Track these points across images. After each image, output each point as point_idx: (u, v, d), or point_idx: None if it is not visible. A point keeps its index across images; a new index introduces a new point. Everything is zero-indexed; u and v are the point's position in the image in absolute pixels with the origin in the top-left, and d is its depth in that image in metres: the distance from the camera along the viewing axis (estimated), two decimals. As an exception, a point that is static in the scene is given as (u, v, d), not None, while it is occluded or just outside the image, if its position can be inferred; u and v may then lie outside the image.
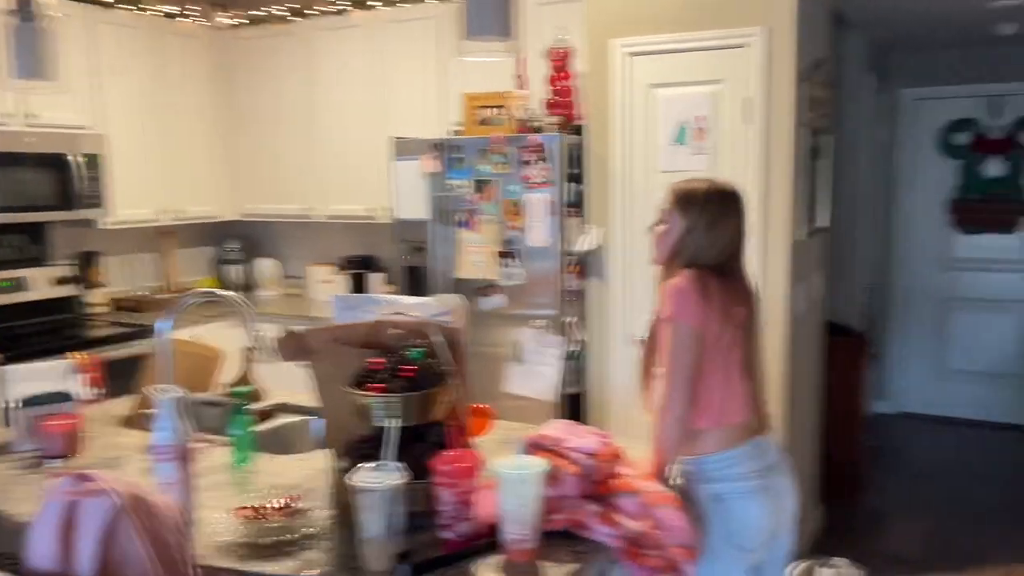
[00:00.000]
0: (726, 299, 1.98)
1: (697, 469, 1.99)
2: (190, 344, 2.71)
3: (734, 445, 1.98)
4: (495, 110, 3.91)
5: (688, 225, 2.01)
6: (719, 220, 2.02)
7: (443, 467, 1.58)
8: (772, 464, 2.03)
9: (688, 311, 1.93)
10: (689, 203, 2.02)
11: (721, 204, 2.03)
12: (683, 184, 2.08)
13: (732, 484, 1.97)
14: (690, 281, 1.95)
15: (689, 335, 1.93)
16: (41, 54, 2.31)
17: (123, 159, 4.49)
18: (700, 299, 1.93)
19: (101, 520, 1.28)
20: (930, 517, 4.40)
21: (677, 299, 1.94)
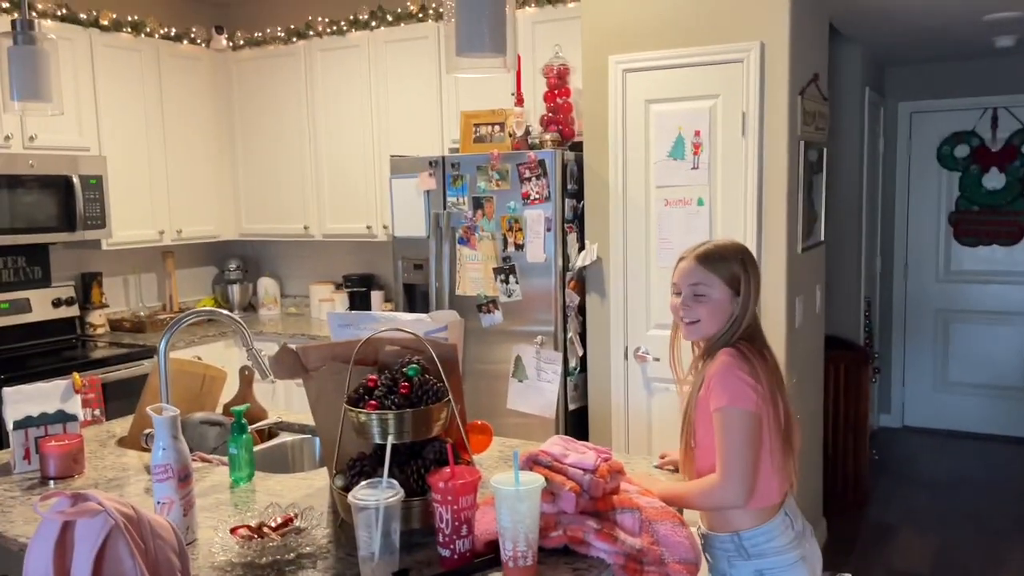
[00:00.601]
0: (770, 373, 1.88)
1: (735, 546, 1.92)
2: (191, 364, 2.71)
3: (767, 520, 1.91)
4: (492, 127, 3.94)
5: (739, 294, 1.90)
6: (757, 283, 1.92)
7: (441, 484, 1.58)
8: (800, 530, 1.97)
9: (744, 397, 1.81)
10: (727, 266, 1.91)
11: (754, 265, 1.92)
12: (712, 248, 1.95)
13: (773, 559, 1.91)
14: (738, 361, 1.84)
15: (752, 421, 1.82)
16: (40, 76, 2.32)
17: (124, 180, 4.51)
18: (754, 380, 1.82)
19: (96, 540, 1.28)
20: (935, 531, 4.38)
21: (731, 383, 1.82)
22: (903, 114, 5.98)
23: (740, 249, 1.97)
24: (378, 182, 4.67)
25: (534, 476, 1.60)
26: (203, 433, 2.48)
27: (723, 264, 1.92)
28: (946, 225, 5.96)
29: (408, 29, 4.51)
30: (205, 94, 5.03)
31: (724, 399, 1.82)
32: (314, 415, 2.00)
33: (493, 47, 1.69)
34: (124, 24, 4.50)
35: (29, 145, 4.04)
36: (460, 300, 3.81)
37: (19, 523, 1.88)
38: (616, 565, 1.63)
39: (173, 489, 1.73)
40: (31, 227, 4.01)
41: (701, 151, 3.46)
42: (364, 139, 4.72)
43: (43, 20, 4.11)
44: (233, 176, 5.20)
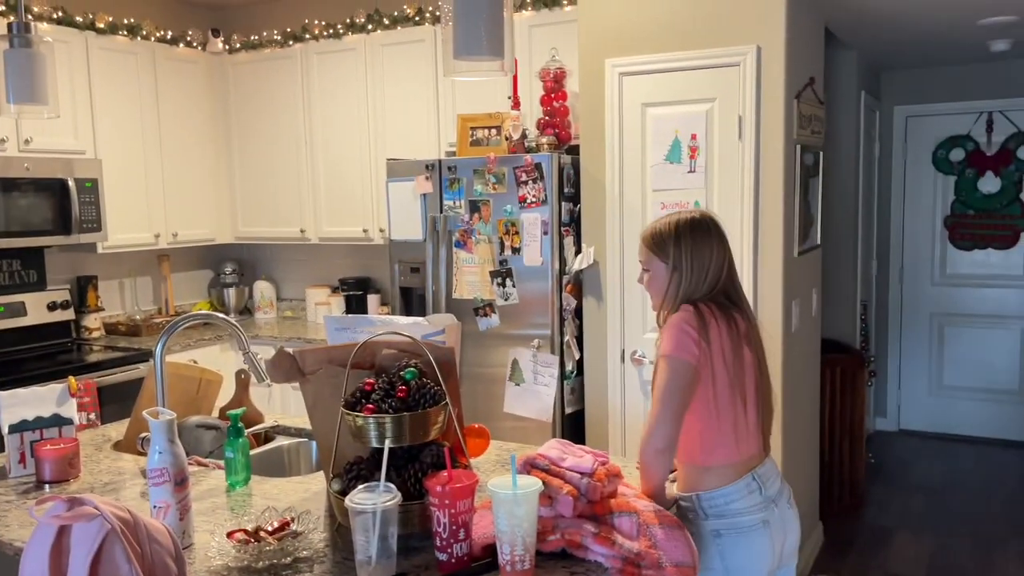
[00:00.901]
0: (732, 335, 1.95)
1: (694, 506, 1.96)
2: (187, 367, 2.70)
3: (732, 481, 1.95)
4: (489, 131, 3.94)
5: (670, 266, 2.00)
6: (697, 249, 1.98)
7: (438, 488, 1.57)
8: (772, 496, 1.99)
9: (684, 347, 1.88)
10: (662, 244, 2.01)
11: (693, 235, 2.00)
12: (651, 227, 2.07)
13: (731, 520, 1.94)
14: (688, 316, 1.91)
15: (683, 371, 1.88)
16: (36, 79, 2.32)
17: (120, 183, 4.50)
18: (698, 335, 1.89)
19: (93, 544, 1.27)
20: (930, 534, 4.38)
21: (674, 335, 1.90)
22: (899, 118, 6.00)
23: (678, 219, 2.04)
24: (374, 185, 4.67)
25: (531, 480, 1.60)
26: (199, 437, 2.47)
27: (656, 238, 2.03)
28: (941, 229, 5.97)
29: (405, 32, 4.51)
30: (201, 97, 5.03)
31: (666, 348, 1.91)
32: (311, 419, 2.00)
33: (490, 50, 1.69)
34: (120, 27, 4.49)
35: (24, 148, 4.03)
36: (457, 303, 3.81)
37: (15, 527, 1.88)
38: (614, 569, 1.63)
39: (169, 493, 1.72)
40: (26, 230, 4.00)
41: (697, 155, 3.47)
42: (361, 142, 4.72)
43: (39, 23, 4.11)
44: (229, 179, 5.20)
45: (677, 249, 1.99)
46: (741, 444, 1.97)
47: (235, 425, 2.13)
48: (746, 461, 1.97)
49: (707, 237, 2.00)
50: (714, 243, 2.00)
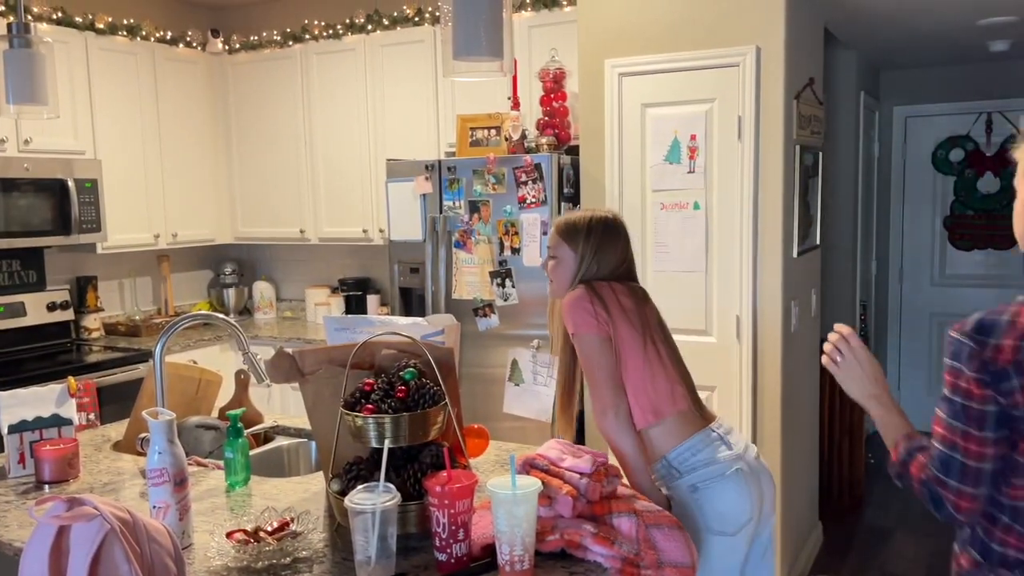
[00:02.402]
0: (630, 300, 2.09)
1: (666, 469, 2.05)
2: (187, 368, 2.70)
3: (688, 436, 2.04)
4: (489, 131, 3.94)
5: (577, 255, 2.14)
6: (604, 246, 2.14)
7: (437, 488, 1.57)
8: (740, 452, 2.07)
9: (587, 321, 2.03)
10: (574, 234, 2.15)
11: (604, 232, 2.15)
12: (566, 217, 2.21)
13: (702, 471, 2.01)
14: (582, 293, 2.06)
15: (595, 341, 2.03)
16: (36, 80, 2.32)
17: (119, 184, 4.50)
18: (594, 307, 2.03)
19: (92, 544, 1.27)
20: (931, 535, 4.38)
21: (574, 313, 2.05)
22: (898, 118, 6.00)
23: (592, 215, 2.18)
24: (374, 186, 4.67)
25: (531, 480, 1.60)
26: (199, 437, 2.47)
27: (569, 228, 2.17)
28: (941, 229, 5.97)
29: (404, 33, 4.51)
30: (201, 97, 5.03)
31: (572, 326, 2.07)
32: (310, 419, 2.00)
33: (490, 51, 1.69)
34: (120, 27, 4.49)
35: (24, 148, 4.03)
36: (456, 304, 3.81)
37: (14, 528, 1.88)
38: (613, 569, 1.63)
39: (169, 493, 1.72)
40: (26, 230, 4.00)
41: (697, 155, 3.47)
42: (360, 143, 4.72)
43: (39, 23, 4.11)
44: (229, 179, 5.20)
45: (586, 243, 2.14)
46: (675, 397, 2.07)
47: (235, 425, 2.13)
48: (689, 415, 2.07)
49: (615, 238, 2.17)
50: (620, 244, 2.18)
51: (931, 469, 1.54)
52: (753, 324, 3.45)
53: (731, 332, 3.45)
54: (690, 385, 2.14)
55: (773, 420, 3.46)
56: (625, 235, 2.21)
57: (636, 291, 2.16)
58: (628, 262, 2.20)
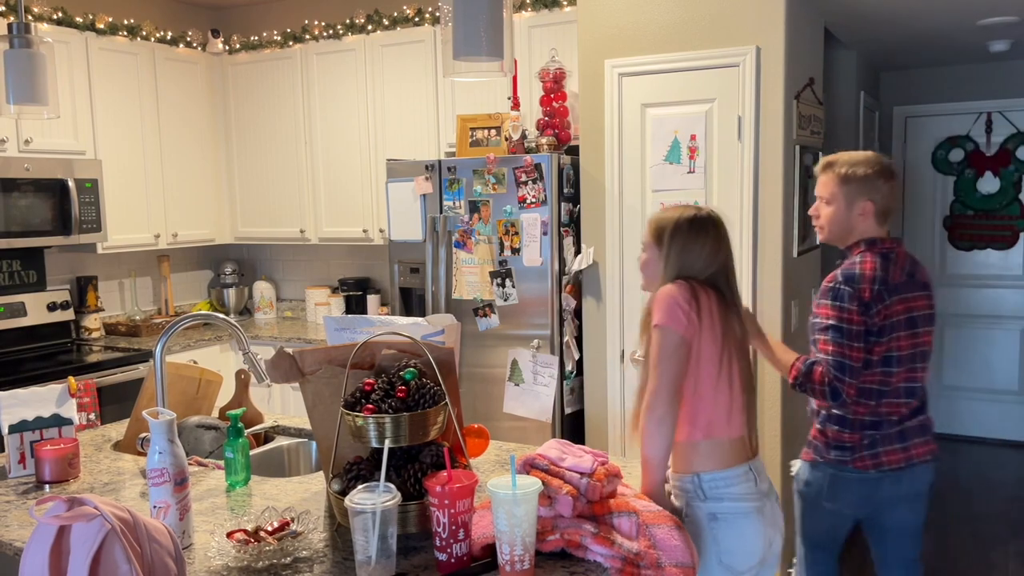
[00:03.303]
0: (721, 312, 1.99)
1: (694, 487, 2.00)
2: (187, 368, 2.70)
3: (731, 465, 1.99)
4: (489, 131, 3.94)
5: (663, 253, 2.05)
6: (690, 245, 2.03)
7: (438, 488, 1.58)
8: (765, 491, 2.05)
9: (675, 318, 1.93)
10: (660, 232, 2.07)
11: (690, 230, 2.04)
12: (657, 214, 2.13)
13: (730, 504, 1.98)
14: (679, 289, 1.97)
15: (676, 341, 1.93)
16: (36, 80, 2.32)
17: (119, 184, 4.51)
18: (688, 308, 1.94)
19: (93, 544, 1.27)
20: (929, 534, 4.38)
21: (665, 306, 1.95)
22: (898, 118, 6.00)
23: (682, 213, 2.07)
24: (374, 186, 4.67)
25: (531, 480, 1.60)
26: (199, 437, 2.48)
27: (656, 226, 2.09)
28: (941, 229, 5.98)
29: (404, 33, 4.51)
30: (201, 97, 5.03)
31: (657, 317, 1.96)
32: (311, 419, 2.00)
33: (490, 51, 1.69)
34: (120, 27, 4.49)
35: (25, 148, 4.03)
36: (456, 304, 3.81)
37: (14, 527, 1.88)
38: (613, 569, 1.63)
39: (169, 493, 1.72)
40: (26, 231, 4.00)
41: (697, 155, 3.47)
42: (360, 143, 4.72)
43: (39, 23, 4.11)
44: (229, 179, 5.20)
45: (672, 241, 2.04)
46: (732, 422, 2.01)
47: (235, 425, 2.13)
48: (739, 443, 2.01)
49: (702, 235, 2.04)
50: (708, 241, 2.04)
51: (831, 372, 2.38)
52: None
53: (731, 332, 3.45)
54: (751, 414, 2.06)
55: (773, 420, 3.46)
56: (716, 233, 2.05)
57: (727, 301, 2.03)
58: (720, 263, 2.05)
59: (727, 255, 2.07)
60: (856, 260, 2.47)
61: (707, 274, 2.03)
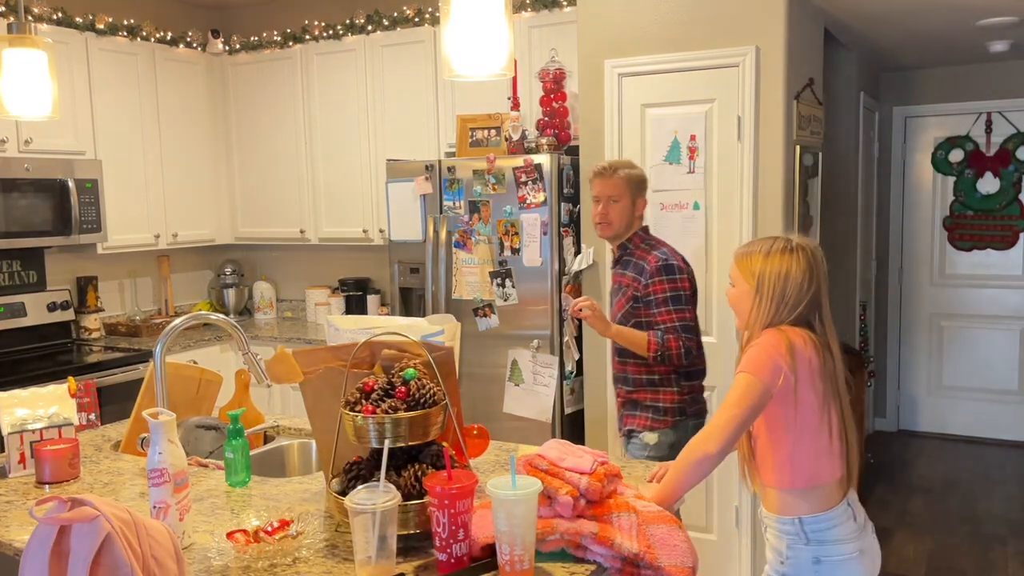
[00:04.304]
0: (818, 357, 1.96)
1: (796, 530, 1.98)
2: (187, 368, 2.70)
3: (831, 506, 1.97)
4: (489, 132, 3.94)
5: (753, 287, 2.02)
6: (780, 278, 1.99)
7: (438, 488, 1.58)
8: (863, 524, 2.03)
9: (765, 370, 1.91)
10: (748, 265, 2.04)
11: (781, 260, 2.00)
12: (746, 246, 2.10)
13: (832, 547, 1.97)
14: (778, 341, 1.93)
15: (756, 390, 1.91)
16: (35, 80, 2.32)
17: (119, 184, 4.50)
18: (782, 362, 1.90)
19: (93, 545, 1.27)
20: (930, 534, 4.38)
21: (759, 356, 1.93)
22: (898, 118, 6.00)
23: (771, 246, 2.03)
24: (374, 186, 4.67)
25: (531, 480, 1.60)
26: (199, 437, 2.47)
27: (744, 260, 2.06)
28: (941, 229, 5.97)
29: (405, 33, 4.51)
30: (201, 98, 5.03)
31: (747, 364, 1.95)
32: (311, 419, 2.00)
33: (490, 51, 1.69)
34: (120, 28, 4.49)
35: (25, 148, 4.03)
36: (456, 304, 3.81)
37: (14, 528, 1.88)
38: (613, 569, 1.63)
39: (169, 493, 1.72)
40: (26, 231, 4.00)
41: (697, 155, 3.47)
42: (360, 143, 4.72)
43: (39, 24, 4.11)
44: (229, 179, 5.20)
45: (762, 272, 2.01)
46: (832, 465, 1.99)
47: (235, 425, 2.13)
48: (838, 484, 2.00)
49: (794, 265, 1.99)
50: (802, 274, 1.99)
51: (684, 336, 2.78)
52: (753, 324, 3.44)
53: (731, 332, 3.45)
54: (851, 452, 2.03)
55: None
56: (810, 263, 1.99)
57: (821, 341, 1.99)
58: (813, 294, 1.99)
59: (819, 287, 2.01)
60: (653, 243, 2.92)
61: (802, 313, 1.99)
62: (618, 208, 2.88)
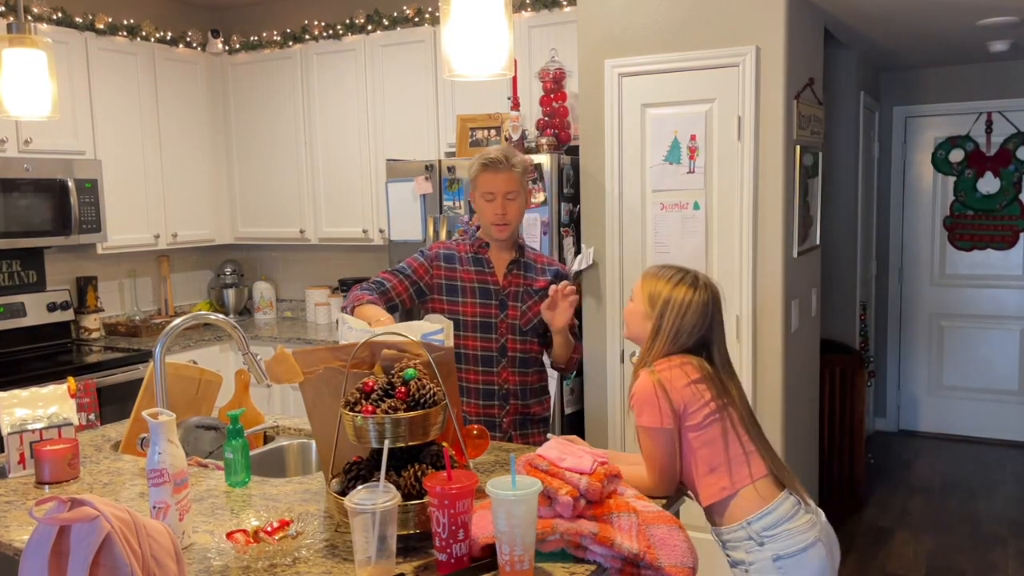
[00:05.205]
0: (704, 374, 2.01)
1: (747, 534, 1.98)
2: (187, 368, 2.70)
3: (771, 499, 1.98)
4: (489, 131, 3.94)
5: (646, 312, 2.07)
6: (683, 321, 2.03)
7: (438, 488, 1.57)
8: (814, 510, 2.03)
9: (656, 416, 1.97)
10: (655, 296, 2.06)
11: (683, 305, 2.03)
12: (655, 274, 2.11)
13: (786, 541, 1.96)
14: (653, 386, 1.98)
15: (661, 438, 1.98)
16: (35, 80, 2.32)
17: (119, 184, 4.50)
18: (664, 399, 1.96)
19: (92, 545, 1.27)
20: (930, 534, 4.38)
21: (644, 407, 1.98)
22: (898, 118, 6.00)
23: (678, 283, 2.07)
24: (374, 186, 4.67)
25: (531, 480, 1.60)
26: (199, 437, 2.47)
27: (652, 290, 2.08)
28: (941, 229, 5.97)
29: (404, 33, 4.51)
30: (201, 97, 5.03)
31: (641, 418, 2.00)
32: (310, 419, 2.00)
33: (490, 51, 1.69)
34: (120, 28, 4.49)
35: (24, 148, 4.03)
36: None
37: (14, 528, 1.88)
38: (613, 569, 1.63)
39: (169, 493, 1.72)
40: (26, 231, 4.00)
41: (697, 155, 3.47)
42: (360, 143, 4.72)
43: (39, 23, 4.11)
44: (229, 179, 5.20)
45: (663, 316, 2.04)
46: (753, 464, 2.00)
47: (235, 425, 2.13)
48: (770, 480, 2.00)
49: (699, 311, 2.04)
50: (700, 318, 2.04)
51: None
52: (753, 324, 3.45)
53: (731, 332, 3.45)
54: (766, 447, 2.04)
55: (773, 420, 3.46)
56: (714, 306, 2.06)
57: (712, 360, 2.06)
58: (707, 333, 2.06)
59: (712, 328, 2.07)
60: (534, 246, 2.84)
61: (697, 342, 2.05)
62: (516, 206, 2.61)
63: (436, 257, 2.68)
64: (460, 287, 2.65)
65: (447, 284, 2.66)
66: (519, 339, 2.66)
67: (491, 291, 2.65)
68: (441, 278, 2.66)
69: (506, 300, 2.66)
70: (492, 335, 2.64)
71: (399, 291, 2.63)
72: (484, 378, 2.65)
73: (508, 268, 2.67)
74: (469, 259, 2.67)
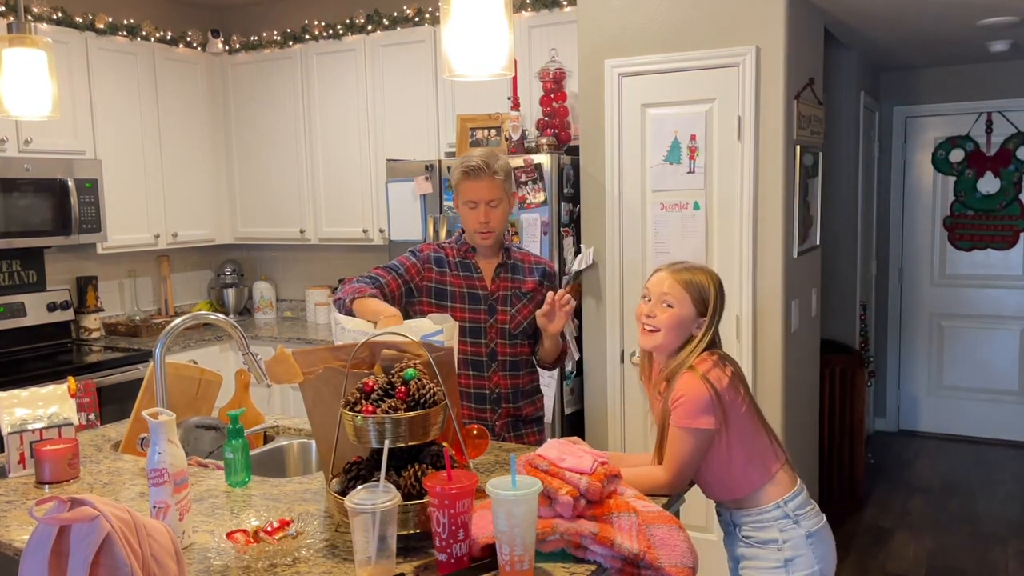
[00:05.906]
0: (732, 365, 2.07)
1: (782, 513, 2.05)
2: (187, 368, 2.70)
3: (795, 483, 2.09)
4: (489, 131, 3.94)
5: (706, 320, 2.06)
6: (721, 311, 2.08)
7: (438, 488, 1.57)
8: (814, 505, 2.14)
9: (710, 418, 1.99)
10: (702, 294, 2.06)
11: (720, 285, 2.09)
12: (688, 271, 2.09)
13: (814, 519, 2.07)
14: (707, 389, 1.98)
15: (703, 439, 2.00)
16: (35, 80, 2.32)
17: (119, 184, 4.50)
18: (720, 399, 1.98)
19: (92, 545, 1.27)
20: (930, 534, 4.38)
21: (697, 410, 1.98)
22: (898, 118, 6.00)
23: (716, 280, 2.11)
24: (374, 186, 4.67)
25: (531, 480, 1.60)
26: (199, 437, 2.47)
27: (697, 291, 2.07)
28: (941, 229, 5.97)
29: (405, 33, 4.51)
30: (201, 97, 5.03)
31: (684, 420, 2.00)
32: (311, 419, 2.00)
33: (490, 51, 1.69)
34: (120, 27, 4.49)
35: (24, 148, 4.03)
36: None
37: (14, 528, 1.88)
38: (613, 569, 1.63)
39: (169, 493, 1.72)
40: (26, 231, 4.00)
41: (697, 155, 3.47)
42: (360, 142, 4.72)
43: (39, 23, 4.11)
44: (229, 179, 5.20)
45: (715, 306, 2.06)
46: (777, 450, 2.11)
47: (235, 425, 2.13)
48: (789, 465, 2.12)
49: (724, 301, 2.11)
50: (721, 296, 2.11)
51: None
52: (753, 324, 3.45)
53: (731, 332, 3.45)
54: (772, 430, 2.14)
55: (773, 420, 3.46)
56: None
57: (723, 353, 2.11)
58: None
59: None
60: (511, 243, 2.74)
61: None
62: (499, 212, 2.59)
63: (428, 260, 2.66)
64: (449, 292, 2.64)
65: (436, 288, 2.64)
66: (509, 343, 2.65)
67: (480, 296, 2.64)
68: (431, 281, 2.64)
69: (495, 305, 2.64)
70: (482, 340, 2.62)
71: (392, 288, 2.60)
72: (475, 382, 2.63)
73: (496, 272, 2.66)
74: (457, 264, 2.65)
